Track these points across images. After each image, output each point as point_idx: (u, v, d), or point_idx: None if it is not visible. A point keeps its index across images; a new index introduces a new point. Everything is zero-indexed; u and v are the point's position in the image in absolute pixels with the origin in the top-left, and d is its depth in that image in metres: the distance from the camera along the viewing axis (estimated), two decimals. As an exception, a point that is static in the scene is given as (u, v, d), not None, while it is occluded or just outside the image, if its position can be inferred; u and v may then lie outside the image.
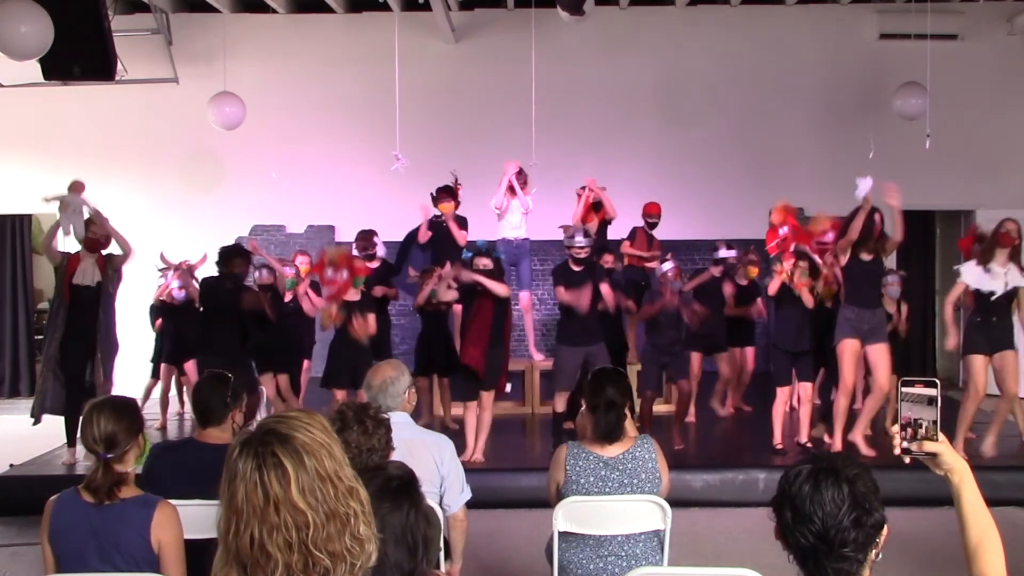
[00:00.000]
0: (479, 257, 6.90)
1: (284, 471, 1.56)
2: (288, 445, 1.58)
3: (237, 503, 1.57)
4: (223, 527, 1.59)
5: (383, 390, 3.87)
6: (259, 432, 1.61)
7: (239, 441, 1.62)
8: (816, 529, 1.86)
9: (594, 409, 3.67)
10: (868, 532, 1.87)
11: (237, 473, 1.58)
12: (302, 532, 1.55)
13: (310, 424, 1.63)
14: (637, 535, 3.64)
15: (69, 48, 7.53)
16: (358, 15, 10.90)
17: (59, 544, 2.95)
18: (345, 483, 1.61)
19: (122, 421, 3.01)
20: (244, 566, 1.58)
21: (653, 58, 10.92)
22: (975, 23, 10.74)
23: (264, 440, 1.59)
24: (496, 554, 5.60)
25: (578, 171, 10.12)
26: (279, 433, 1.60)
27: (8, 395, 11.35)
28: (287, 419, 1.64)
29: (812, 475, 1.89)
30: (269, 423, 1.63)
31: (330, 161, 10.92)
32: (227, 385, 3.81)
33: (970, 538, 1.96)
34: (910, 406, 1.97)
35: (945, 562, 5.17)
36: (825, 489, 1.86)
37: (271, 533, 1.55)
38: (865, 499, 1.87)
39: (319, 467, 1.59)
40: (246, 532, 1.56)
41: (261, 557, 1.55)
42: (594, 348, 7.00)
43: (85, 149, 10.92)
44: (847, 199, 10.76)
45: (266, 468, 1.56)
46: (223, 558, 1.61)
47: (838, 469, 1.89)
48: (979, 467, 6.50)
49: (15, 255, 11.54)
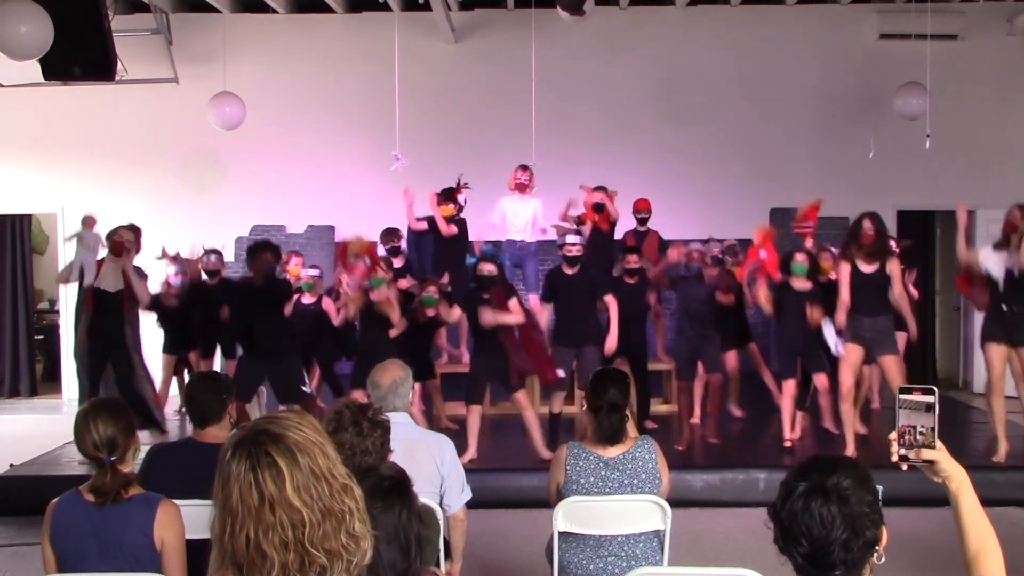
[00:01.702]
0: (484, 263, 6.88)
1: (279, 470, 1.56)
2: (281, 444, 1.58)
3: (232, 504, 1.56)
4: (218, 529, 1.59)
5: (393, 390, 3.88)
6: (251, 433, 1.61)
7: (232, 443, 1.62)
8: (803, 551, 1.86)
9: (596, 410, 3.67)
10: (856, 555, 1.85)
11: (231, 475, 1.58)
12: (298, 531, 1.55)
13: (301, 423, 1.64)
14: (637, 535, 3.65)
15: (69, 48, 7.52)
16: (358, 15, 10.90)
17: (60, 545, 2.96)
18: (339, 480, 1.61)
19: (119, 422, 3.02)
20: (240, 567, 1.58)
21: (653, 58, 10.91)
22: (975, 23, 10.73)
23: (257, 440, 1.59)
24: (496, 554, 5.60)
25: (578, 171, 10.12)
26: (271, 433, 1.60)
27: (8, 395, 11.35)
28: (278, 419, 1.64)
29: (803, 495, 1.87)
30: (260, 424, 1.63)
31: (330, 161, 10.91)
32: (219, 382, 3.83)
33: (969, 545, 1.96)
34: (908, 413, 1.97)
35: (945, 562, 5.16)
36: (815, 509, 1.84)
37: (267, 533, 1.55)
38: (856, 519, 1.85)
39: (313, 465, 1.59)
40: (242, 533, 1.55)
41: (257, 557, 1.55)
42: (585, 349, 7.01)
43: (85, 149, 10.92)
44: (847, 199, 10.85)
45: (260, 468, 1.56)
46: (219, 560, 1.61)
47: (829, 489, 1.86)
48: (979, 467, 6.54)
49: (15, 255, 11.52)
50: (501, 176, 9.02)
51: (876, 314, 6.67)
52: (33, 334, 11.81)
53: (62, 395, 10.93)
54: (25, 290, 11.58)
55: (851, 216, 10.73)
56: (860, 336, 6.68)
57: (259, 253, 6.98)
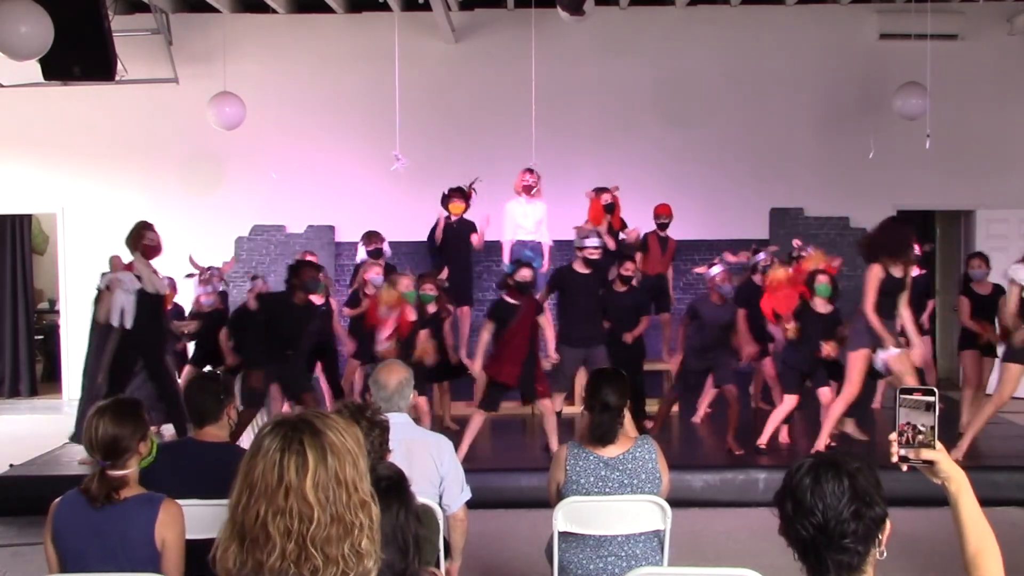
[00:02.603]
0: (522, 269, 6.83)
1: (304, 460, 1.59)
2: (317, 439, 1.61)
3: (253, 477, 1.60)
4: (235, 498, 1.62)
5: (399, 391, 3.89)
6: (295, 419, 1.65)
7: (276, 420, 1.66)
8: (816, 521, 1.89)
9: (590, 409, 3.67)
10: (868, 524, 1.89)
11: (261, 448, 1.61)
12: (304, 525, 1.57)
13: (345, 430, 1.67)
14: (637, 535, 3.65)
15: (69, 48, 7.51)
16: (358, 15, 10.90)
17: (61, 545, 2.96)
18: (360, 495, 1.63)
19: (125, 426, 2.98)
20: (243, 541, 1.60)
21: (653, 58, 10.91)
22: (975, 23, 10.74)
23: (296, 427, 1.63)
24: (496, 554, 5.60)
25: (578, 171, 10.13)
26: (313, 426, 1.63)
27: (8, 395, 11.35)
28: (326, 417, 1.68)
29: (813, 468, 1.93)
30: (308, 414, 1.67)
31: (330, 161, 10.92)
32: (217, 382, 3.82)
33: (968, 546, 1.97)
34: (908, 412, 1.98)
35: (945, 562, 5.16)
36: (826, 482, 1.90)
37: (275, 515, 1.57)
38: (866, 493, 1.90)
39: (340, 470, 1.61)
40: (253, 508, 1.58)
41: (261, 535, 1.58)
42: (593, 350, 6.99)
43: (85, 149, 10.93)
44: (847, 199, 10.87)
45: (289, 453, 1.59)
46: (228, 528, 1.63)
47: (839, 463, 1.93)
48: (979, 467, 6.55)
49: (15, 255, 11.52)
50: (501, 176, 9.03)
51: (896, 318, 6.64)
52: (33, 334, 11.80)
53: (62, 395, 10.93)
54: (25, 290, 11.58)
55: (851, 216, 10.88)
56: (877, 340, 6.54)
57: (302, 271, 6.97)
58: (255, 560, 1.58)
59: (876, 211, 10.80)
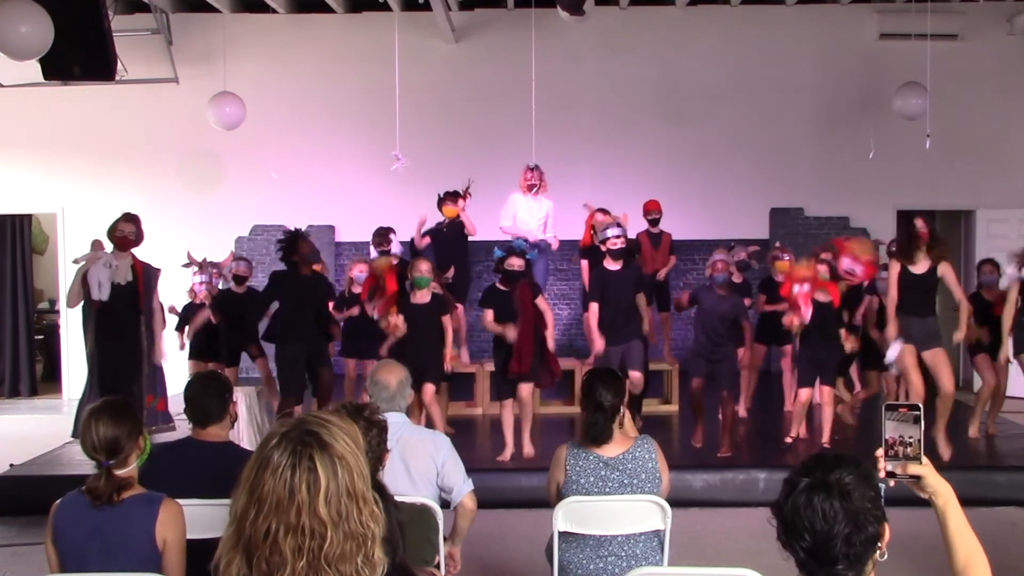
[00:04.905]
0: (512, 257, 6.83)
1: (316, 477, 1.55)
2: (326, 453, 1.57)
3: (262, 492, 1.55)
4: (241, 509, 1.57)
5: (400, 391, 3.90)
6: (299, 430, 1.60)
7: (279, 431, 1.61)
8: (806, 545, 1.86)
9: (584, 409, 3.67)
10: (859, 549, 1.86)
11: (270, 463, 1.56)
12: (316, 542, 1.54)
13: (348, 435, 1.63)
14: (637, 535, 3.64)
15: (69, 48, 7.51)
16: (358, 15, 10.91)
17: (62, 545, 2.95)
18: (369, 505, 1.60)
19: (123, 425, 2.99)
20: (250, 556, 1.56)
21: (653, 58, 10.92)
22: (975, 23, 10.74)
23: (304, 441, 1.58)
24: (496, 554, 5.60)
25: (578, 170, 10.14)
26: (320, 439, 1.59)
27: (8, 395, 11.35)
28: (329, 425, 1.63)
29: (806, 489, 1.88)
30: (311, 423, 1.62)
31: (330, 161, 10.92)
32: (221, 382, 3.81)
33: (957, 560, 1.99)
34: (895, 425, 1.99)
35: (945, 562, 5.16)
36: (817, 504, 1.85)
37: (287, 533, 1.53)
38: (859, 515, 1.85)
39: (350, 483, 1.58)
40: (264, 523, 1.54)
41: (272, 552, 1.54)
42: (630, 345, 6.95)
43: (85, 149, 10.93)
44: (847, 199, 10.86)
45: (300, 470, 1.55)
46: (232, 540, 1.59)
47: (831, 484, 1.87)
48: (979, 467, 6.54)
49: (15, 255, 11.53)
50: (501, 176, 9.04)
51: (924, 315, 6.66)
52: (33, 334, 11.80)
53: (62, 395, 10.94)
54: (25, 290, 11.58)
55: (851, 216, 10.89)
56: (909, 336, 6.60)
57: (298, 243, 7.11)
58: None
59: (876, 211, 10.86)
